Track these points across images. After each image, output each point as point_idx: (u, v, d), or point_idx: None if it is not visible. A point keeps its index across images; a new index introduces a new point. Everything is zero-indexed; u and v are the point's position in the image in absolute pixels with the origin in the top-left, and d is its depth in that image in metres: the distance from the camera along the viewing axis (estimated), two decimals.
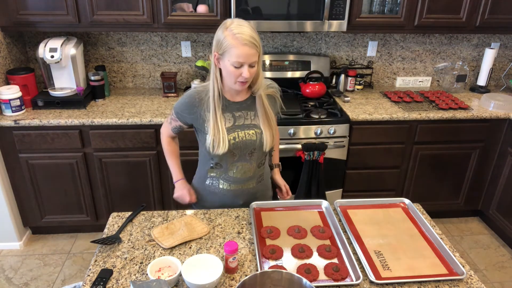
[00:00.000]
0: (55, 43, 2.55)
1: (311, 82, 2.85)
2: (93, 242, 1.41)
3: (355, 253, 1.39)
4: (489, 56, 3.04)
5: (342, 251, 1.40)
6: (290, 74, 2.99)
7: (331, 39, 3.07)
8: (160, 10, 2.51)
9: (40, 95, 2.62)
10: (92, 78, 2.71)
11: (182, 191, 1.72)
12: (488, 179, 2.96)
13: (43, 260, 2.66)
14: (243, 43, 1.38)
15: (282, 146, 2.54)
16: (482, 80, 3.14)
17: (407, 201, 1.70)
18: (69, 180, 2.62)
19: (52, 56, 2.51)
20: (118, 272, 1.31)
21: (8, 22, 2.49)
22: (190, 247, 1.42)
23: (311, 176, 2.59)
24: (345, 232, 1.50)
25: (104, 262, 1.35)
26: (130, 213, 1.60)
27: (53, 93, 2.59)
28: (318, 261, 1.36)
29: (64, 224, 2.82)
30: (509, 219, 2.80)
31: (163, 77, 2.86)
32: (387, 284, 1.27)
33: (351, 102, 2.85)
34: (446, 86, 3.18)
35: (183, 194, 1.72)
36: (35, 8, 2.45)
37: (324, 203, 1.66)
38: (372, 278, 1.27)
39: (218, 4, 2.51)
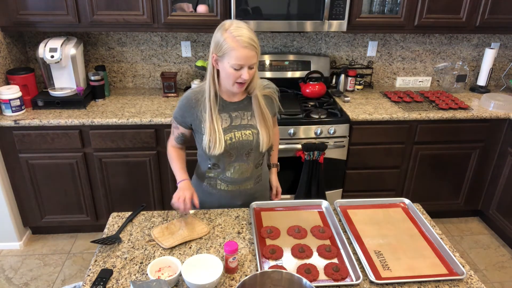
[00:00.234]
0: (55, 43, 2.55)
1: (311, 82, 2.85)
2: (93, 242, 1.41)
3: (355, 253, 1.39)
4: (489, 56, 3.04)
5: (342, 251, 1.40)
6: (290, 74, 2.99)
7: (331, 39, 3.07)
8: (160, 10, 2.51)
9: (40, 95, 2.62)
10: (92, 78, 2.71)
11: (184, 192, 1.51)
12: (488, 179, 2.96)
13: (43, 260, 2.66)
14: (243, 45, 1.38)
15: (282, 146, 2.54)
16: (482, 80, 3.14)
17: (407, 201, 1.70)
18: (69, 180, 2.62)
19: (52, 56, 2.51)
20: (118, 272, 1.31)
21: (8, 22, 2.49)
22: (190, 247, 1.42)
23: (311, 176, 2.59)
24: (345, 232, 1.50)
25: (104, 262, 1.35)
26: (130, 213, 1.60)
27: (53, 93, 2.59)
28: (318, 261, 1.36)
29: (64, 224, 2.82)
30: (509, 219, 2.80)
31: (163, 77, 2.86)
32: (387, 284, 1.27)
33: (351, 102, 2.85)
34: (446, 86, 3.18)
35: (185, 195, 1.50)
36: (35, 8, 2.45)
37: (324, 203, 1.67)
38: (372, 278, 1.27)
39: (218, 4, 2.51)
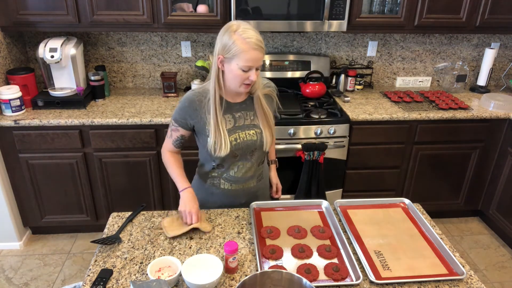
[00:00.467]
0: (55, 43, 2.55)
1: (311, 82, 2.85)
2: (93, 242, 1.41)
3: (355, 253, 1.39)
4: (489, 56, 3.04)
5: (342, 251, 1.40)
6: (290, 74, 2.99)
7: (331, 39, 3.07)
8: (160, 10, 2.51)
9: (40, 95, 2.62)
10: (92, 78, 2.71)
11: (190, 203, 1.52)
12: (488, 179, 2.96)
13: (43, 260, 2.66)
14: (253, 47, 1.39)
15: (282, 146, 2.54)
16: (482, 80, 3.14)
17: (407, 201, 1.70)
18: (69, 180, 2.62)
19: (52, 56, 2.51)
20: (118, 272, 1.31)
21: (8, 22, 2.48)
22: (190, 247, 1.42)
23: (311, 176, 2.59)
24: (345, 232, 1.50)
25: (104, 262, 1.35)
26: (130, 213, 1.60)
27: (53, 93, 2.59)
28: (318, 261, 1.36)
29: (64, 224, 2.82)
30: (509, 219, 2.79)
31: (163, 77, 2.86)
32: (387, 284, 1.27)
33: (351, 102, 2.85)
34: (446, 86, 3.18)
35: (192, 208, 1.51)
36: (35, 8, 2.45)
37: (324, 203, 1.67)
38: (372, 278, 1.27)
39: (218, 4, 2.51)
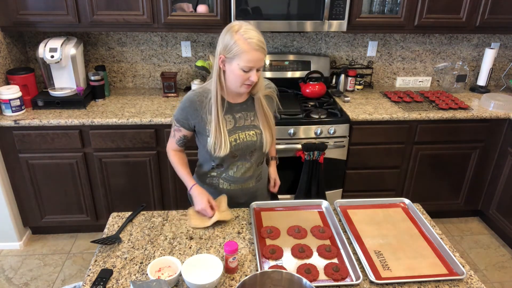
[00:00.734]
0: (55, 43, 2.55)
1: (311, 82, 2.85)
2: (93, 242, 1.41)
3: (355, 253, 1.39)
4: (489, 56, 3.04)
5: (342, 251, 1.40)
6: (290, 74, 2.99)
7: (331, 39, 3.07)
8: (160, 10, 2.51)
9: (40, 95, 2.62)
10: (92, 78, 2.71)
11: (200, 200, 1.57)
12: (488, 179, 2.96)
13: (43, 260, 2.66)
14: (255, 48, 1.39)
15: (282, 146, 2.54)
16: (482, 80, 3.14)
17: (407, 201, 1.70)
18: (69, 180, 2.62)
19: (52, 56, 2.51)
20: (118, 272, 1.31)
21: (8, 22, 2.48)
22: (190, 247, 1.42)
23: (311, 176, 2.59)
24: (345, 232, 1.50)
25: (104, 262, 1.35)
26: (130, 213, 1.60)
27: (53, 93, 2.59)
28: (318, 261, 1.36)
29: (64, 224, 2.82)
30: (509, 219, 2.79)
31: (163, 77, 2.86)
32: (387, 284, 1.27)
33: (351, 102, 2.85)
34: (446, 86, 3.18)
35: (201, 204, 1.56)
36: (35, 8, 2.45)
37: (324, 203, 1.67)
38: (372, 278, 1.27)
39: (218, 4, 2.50)
